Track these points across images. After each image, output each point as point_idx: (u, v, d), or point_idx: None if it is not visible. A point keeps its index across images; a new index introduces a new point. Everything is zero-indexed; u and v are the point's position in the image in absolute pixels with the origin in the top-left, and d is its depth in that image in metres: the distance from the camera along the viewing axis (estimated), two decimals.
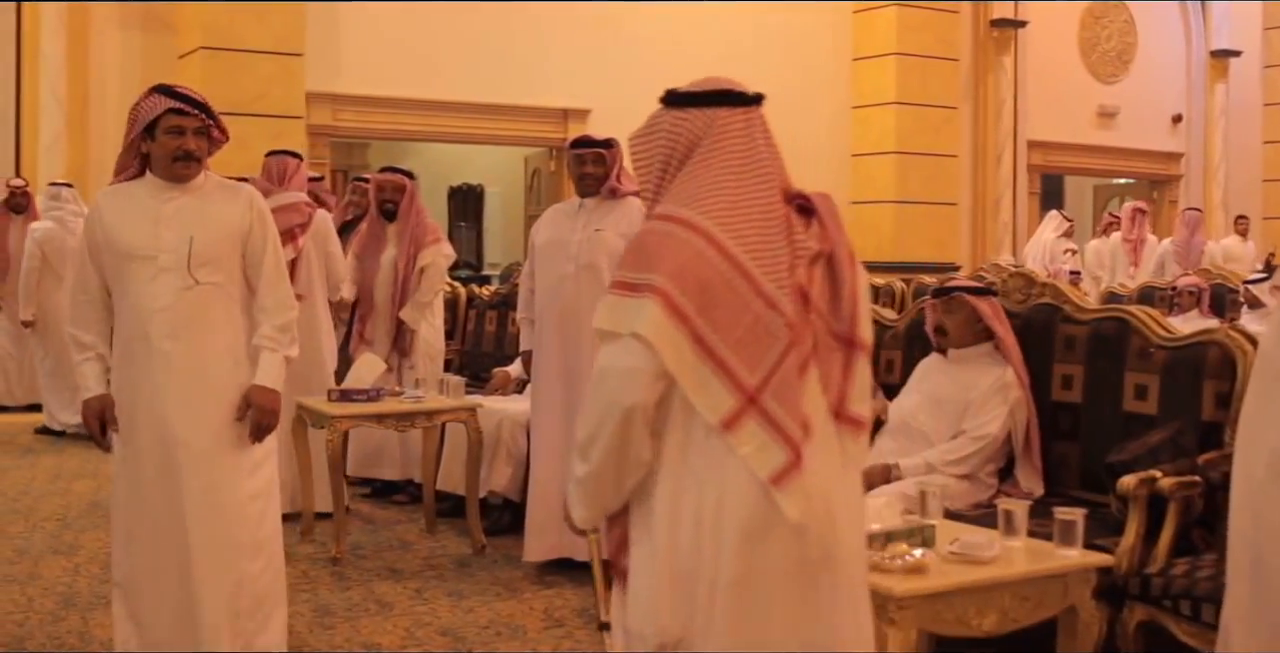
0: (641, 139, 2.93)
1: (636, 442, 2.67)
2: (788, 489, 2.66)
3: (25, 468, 8.71)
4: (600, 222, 6.04)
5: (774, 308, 2.69)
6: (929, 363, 5.32)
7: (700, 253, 2.68)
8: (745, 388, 2.66)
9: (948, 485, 4.73)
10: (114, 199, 4.39)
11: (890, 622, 3.43)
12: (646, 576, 2.73)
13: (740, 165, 2.84)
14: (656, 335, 2.63)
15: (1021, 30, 17.73)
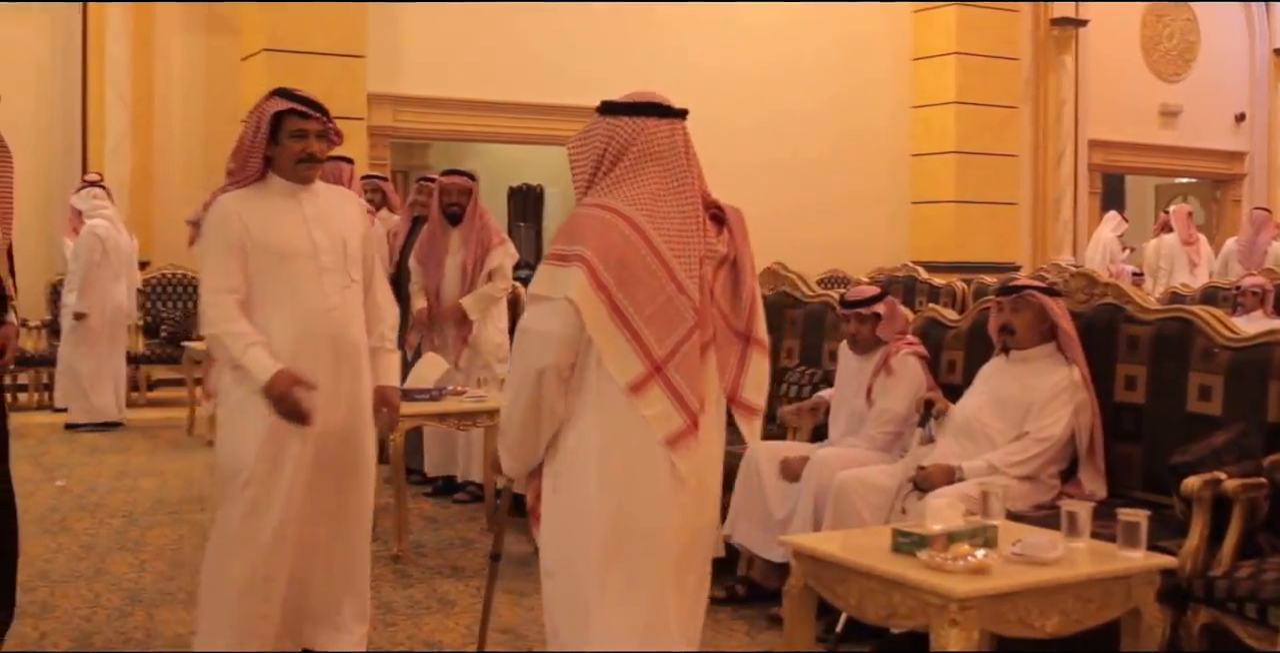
0: (579, 142, 3.29)
1: (551, 398, 3.08)
2: (681, 451, 3.13)
3: (91, 466, 8.82)
4: None
5: (684, 293, 3.10)
6: (992, 365, 5.30)
7: (624, 235, 3.08)
8: (654, 358, 3.08)
9: (1010, 486, 4.71)
10: (248, 202, 4.39)
11: (952, 623, 3.43)
12: (557, 522, 3.18)
13: (664, 169, 3.20)
14: (583, 300, 3.03)
15: (1082, 29, 17.60)
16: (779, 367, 6.77)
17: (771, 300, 6.99)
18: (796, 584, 3.98)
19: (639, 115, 3.26)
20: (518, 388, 3.13)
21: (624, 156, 3.21)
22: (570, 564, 3.20)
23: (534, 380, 3.08)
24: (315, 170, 4.44)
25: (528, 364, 3.09)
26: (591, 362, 3.11)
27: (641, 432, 3.12)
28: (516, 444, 3.19)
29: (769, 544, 5.42)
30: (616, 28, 14.54)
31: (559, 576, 3.25)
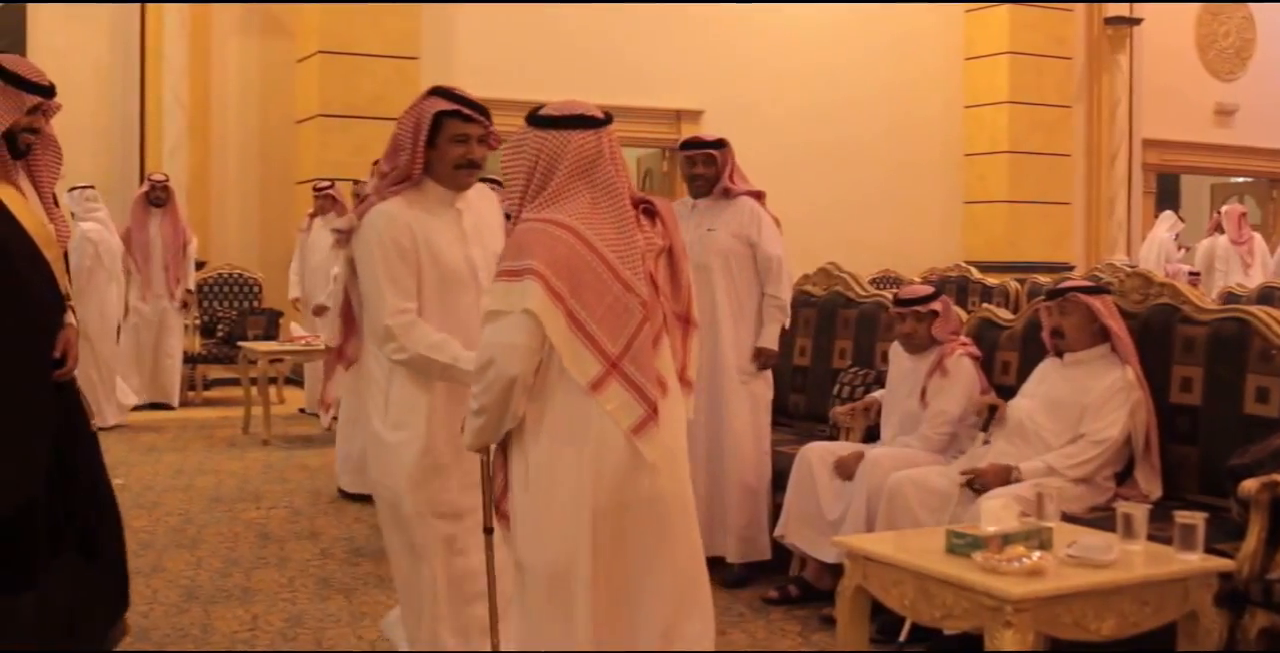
0: (510, 151, 3.45)
1: (515, 402, 3.28)
2: (645, 437, 3.31)
3: (149, 464, 8.90)
4: (712, 222, 6.06)
5: (630, 291, 3.32)
6: (1045, 366, 5.27)
7: (569, 246, 3.28)
8: (609, 356, 3.29)
9: (1065, 488, 4.69)
10: (411, 211, 4.09)
11: (1007, 625, 3.43)
12: (531, 517, 3.34)
13: (593, 182, 3.39)
14: (542, 310, 3.23)
15: (1136, 28, 17.46)
16: (831, 367, 6.77)
17: (824, 301, 6.99)
18: (850, 585, 3.99)
19: (565, 128, 3.41)
20: (485, 392, 3.30)
21: (555, 172, 3.38)
22: (547, 554, 3.33)
23: (504, 387, 3.26)
24: (475, 177, 4.20)
25: (496, 374, 3.26)
26: (554, 366, 3.30)
27: (605, 425, 3.30)
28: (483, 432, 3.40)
29: (822, 545, 5.43)
30: (670, 28, 14.58)
31: (537, 568, 3.36)
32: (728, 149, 6.11)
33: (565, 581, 3.32)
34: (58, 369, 4.15)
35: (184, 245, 11.70)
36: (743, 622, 5.42)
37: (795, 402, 6.95)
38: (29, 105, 4.13)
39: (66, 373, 4.18)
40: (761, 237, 6.00)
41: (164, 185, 11.68)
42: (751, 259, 6.02)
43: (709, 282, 5.97)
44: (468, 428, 3.45)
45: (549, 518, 3.33)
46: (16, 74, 4.12)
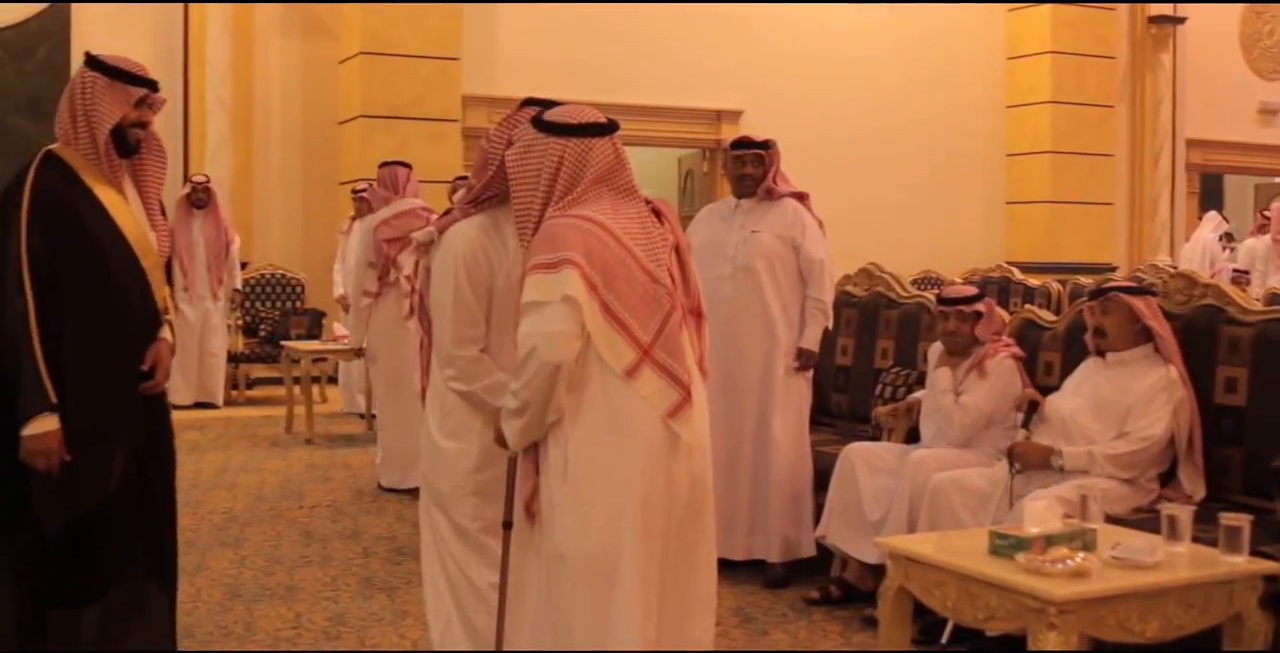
0: (520, 155, 3.57)
1: (558, 393, 3.34)
2: (681, 420, 3.43)
3: (192, 463, 8.95)
4: (757, 223, 6.05)
5: (656, 282, 3.46)
6: (1088, 367, 5.24)
7: (600, 239, 3.40)
8: (641, 343, 3.40)
9: (1109, 490, 4.66)
10: (491, 237, 3.99)
11: (1051, 626, 3.42)
12: (572, 507, 3.39)
13: (613, 186, 3.55)
14: (582, 297, 3.33)
15: (1180, 27, 17.37)
16: (873, 367, 6.75)
17: (866, 301, 6.98)
18: (892, 586, 3.98)
19: (585, 136, 3.54)
20: (529, 383, 3.34)
21: (580, 177, 3.51)
22: (590, 543, 3.38)
23: (549, 376, 3.32)
24: None
25: (541, 362, 3.32)
26: (590, 356, 3.39)
27: (643, 411, 3.40)
28: (527, 430, 3.43)
29: (863, 546, 5.41)
30: (710, 28, 14.59)
31: (576, 557, 3.39)
32: (775, 150, 6.11)
33: (610, 570, 3.36)
34: (145, 382, 4.13)
35: (227, 245, 11.79)
36: (784, 622, 5.42)
37: (837, 402, 6.94)
38: (135, 98, 4.09)
39: (155, 387, 4.15)
40: (806, 239, 6.00)
41: (205, 186, 11.77)
42: (795, 261, 6.01)
43: (755, 283, 5.98)
44: (508, 431, 3.50)
45: (592, 508, 3.38)
46: (118, 68, 4.09)
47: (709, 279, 6.10)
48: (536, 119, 3.59)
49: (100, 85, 4.04)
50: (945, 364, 5.60)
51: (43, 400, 3.85)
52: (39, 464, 3.87)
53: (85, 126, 4.04)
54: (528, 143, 3.56)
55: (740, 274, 6.00)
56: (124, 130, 4.08)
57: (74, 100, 4.07)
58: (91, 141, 4.05)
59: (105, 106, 4.03)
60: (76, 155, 4.06)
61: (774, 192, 6.08)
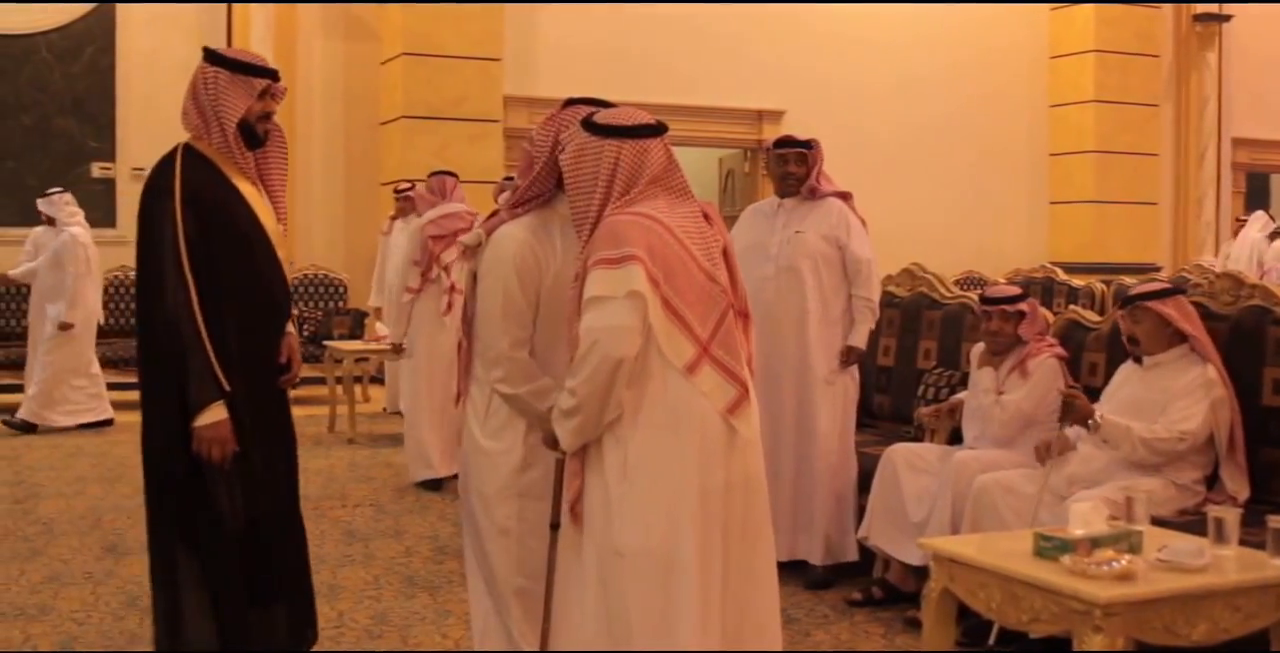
0: (574, 157, 3.59)
1: (617, 389, 3.36)
2: (740, 416, 3.48)
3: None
4: (800, 223, 6.04)
5: (712, 280, 3.50)
6: (1126, 371, 5.19)
7: (659, 236, 3.44)
8: (700, 340, 3.44)
9: (1154, 491, 4.63)
10: (540, 237, 3.89)
11: (1096, 629, 3.40)
12: (632, 504, 3.39)
13: (668, 185, 3.59)
14: (647, 292, 3.36)
15: (1226, 24, 17.23)
16: (916, 368, 6.73)
17: (909, 302, 6.95)
18: (936, 588, 3.96)
19: (639, 137, 3.57)
20: (589, 378, 3.35)
21: (638, 178, 3.55)
22: (650, 539, 3.39)
23: (610, 371, 3.34)
24: None
25: (602, 357, 3.34)
26: (650, 352, 3.42)
27: (703, 407, 3.43)
28: (582, 428, 3.43)
29: (906, 547, 5.40)
30: (751, 28, 14.56)
31: (636, 553, 3.40)
32: (818, 149, 6.11)
33: (669, 565, 3.38)
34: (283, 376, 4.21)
35: None
36: (827, 624, 5.41)
37: (880, 403, 6.91)
38: (258, 89, 4.10)
39: (292, 380, 4.25)
40: (851, 238, 5.99)
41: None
42: (839, 261, 6.00)
43: (798, 283, 5.96)
44: (562, 431, 3.49)
45: (653, 504, 3.40)
46: (239, 60, 4.12)
47: (752, 280, 6.08)
48: (587, 122, 3.60)
49: (223, 79, 4.06)
50: (988, 364, 5.58)
51: (214, 389, 3.88)
52: (214, 454, 3.90)
53: (215, 121, 4.07)
54: (580, 145, 3.58)
55: (784, 274, 5.98)
56: (251, 123, 4.10)
57: (199, 96, 4.09)
58: (222, 136, 4.07)
59: (230, 100, 4.05)
60: (210, 149, 4.09)
61: (817, 191, 6.07)
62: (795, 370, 5.98)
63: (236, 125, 4.05)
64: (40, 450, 9.47)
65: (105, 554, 6.42)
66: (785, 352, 5.94)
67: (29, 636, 5.16)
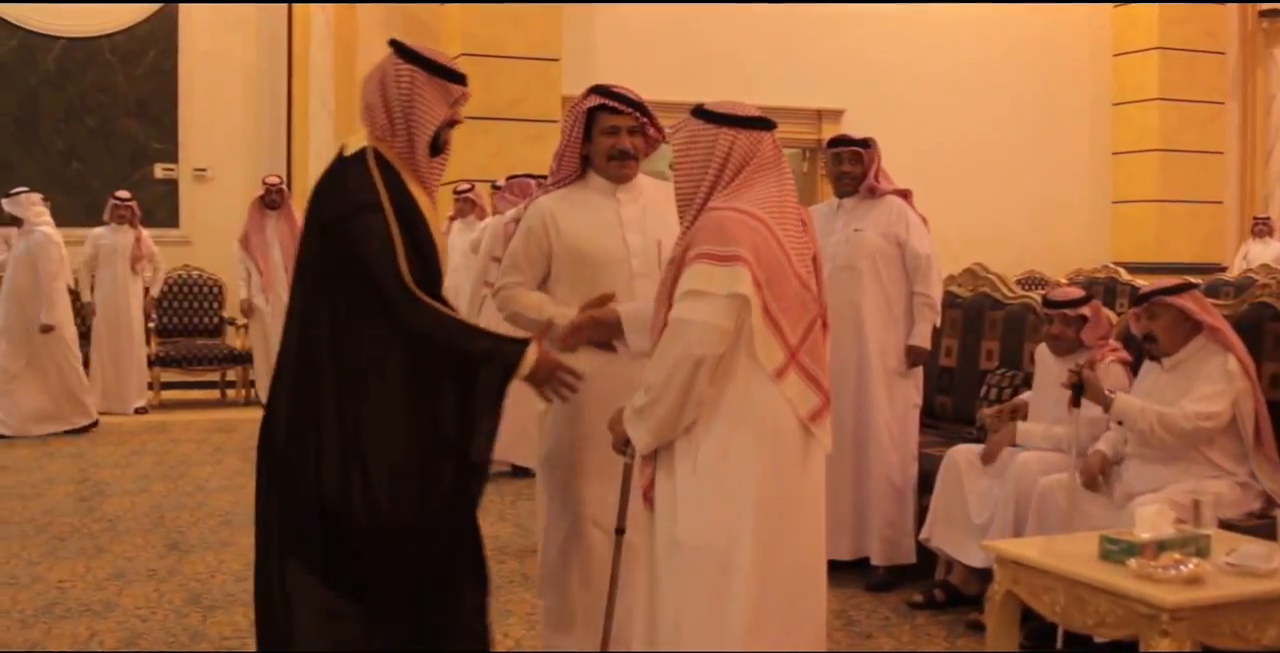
0: (685, 145, 3.56)
1: (700, 387, 3.33)
2: (819, 425, 3.46)
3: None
4: (859, 221, 6.02)
5: (806, 287, 3.48)
6: (1148, 373, 5.10)
7: (764, 239, 3.41)
8: (790, 346, 3.41)
9: (1221, 494, 4.58)
10: (564, 204, 4.33)
11: (1163, 633, 3.36)
12: (696, 498, 3.38)
13: (776, 176, 3.56)
14: (752, 295, 3.34)
15: None
16: (978, 369, 6.68)
17: (971, 302, 6.91)
18: (1000, 590, 3.94)
19: (755, 128, 3.56)
20: (670, 375, 3.34)
21: (746, 166, 3.52)
22: (709, 534, 3.38)
23: (690, 369, 3.31)
24: (629, 167, 4.30)
25: (686, 352, 3.32)
26: (741, 352, 3.38)
27: (784, 412, 3.41)
28: (659, 427, 3.41)
29: (969, 549, 5.36)
30: (810, 27, 14.51)
31: (694, 546, 3.39)
32: (874, 148, 6.09)
33: (725, 562, 3.36)
34: None
35: None
36: (888, 626, 5.38)
37: (941, 403, 6.87)
38: (455, 96, 3.82)
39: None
40: (910, 235, 5.96)
41: (278, 188, 11.94)
42: (900, 258, 5.97)
43: (857, 282, 5.94)
44: (636, 430, 3.45)
45: (716, 501, 3.38)
46: (437, 62, 3.79)
47: None
48: (700, 110, 3.58)
49: (420, 81, 3.74)
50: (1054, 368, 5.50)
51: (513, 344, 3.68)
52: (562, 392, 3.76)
53: (404, 125, 3.76)
54: (693, 132, 3.55)
55: (841, 274, 5.96)
56: (439, 131, 3.82)
57: (388, 94, 3.76)
58: (409, 142, 3.77)
59: (428, 106, 3.75)
60: (393, 153, 3.76)
61: (876, 190, 6.05)
62: (854, 370, 5.95)
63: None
64: (104, 449, 9.57)
65: (168, 552, 6.47)
66: (843, 351, 5.90)
67: (94, 632, 5.21)
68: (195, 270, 12.79)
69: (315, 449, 3.66)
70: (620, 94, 4.31)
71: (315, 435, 3.67)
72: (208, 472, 8.68)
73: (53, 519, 7.19)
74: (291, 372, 3.76)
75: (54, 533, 6.86)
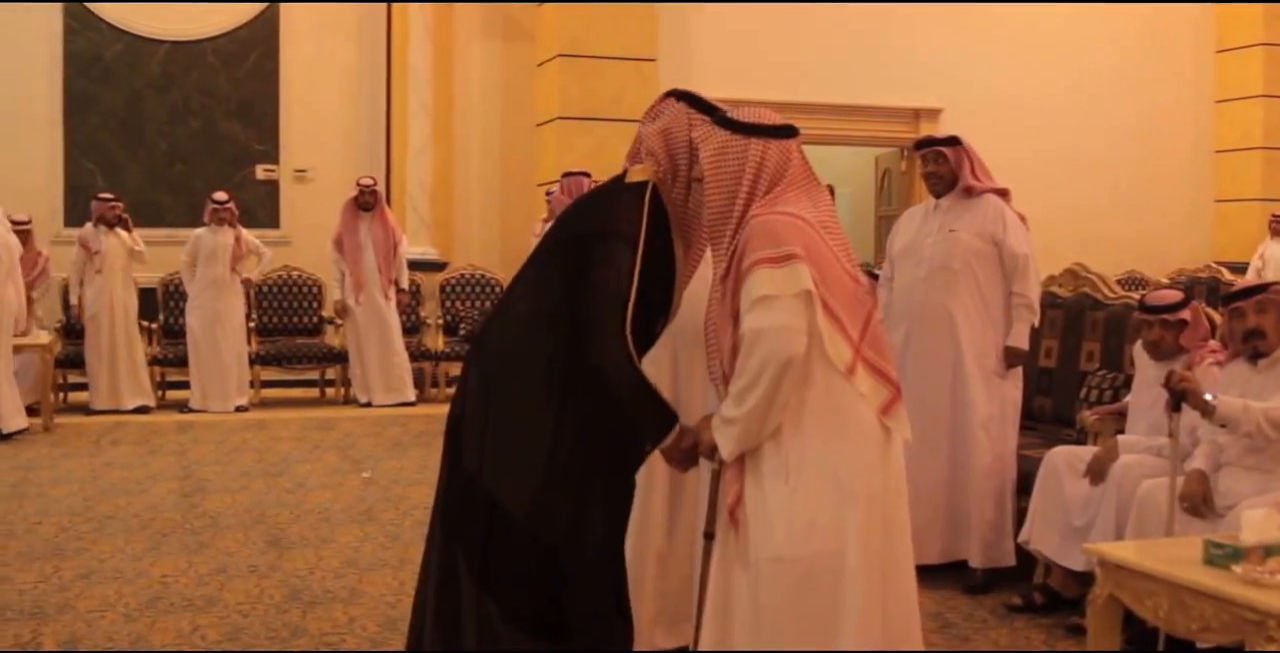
0: (717, 156, 3.54)
1: (785, 390, 3.32)
2: (893, 416, 3.44)
3: (394, 459, 9.14)
4: (955, 222, 5.97)
5: (857, 282, 3.50)
6: (1236, 374, 4.95)
7: (811, 237, 3.43)
8: (853, 341, 3.41)
9: None
10: None
11: (1270, 640, 3.31)
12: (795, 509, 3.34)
13: (807, 183, 3.57)
14: (815, 292, 3.34)
15: None
16: (1079, 370, 6.60)
17: (1071, 302, 6.83)
18: (1101, 594, 3.90)
19: (782, 137, 3.55)
20: (756, 381, 3.32)
21: (782, 177, 3.52)
22: (815, 544, 3.35)
23: (776, 372, 3.29)
24: None
25: (770, 356, 3.30)
26: (814, 352, 3.37)
27: (862, 408, 3.40)
28: (745, 434, 3.39)
29: (1069, 552, 5.29)
30: (907, 25, 14.42)
31: (800, 559, 3.36)
32: (960, 147, 6.02)
33: (836, 570, 3.34)
34: None
35: (394, 246, 11.99)
36: (985, 629, 5.33)
37: (1041, 405, 6.79)
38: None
39: None
40: (1008, 235, 5.90)
41: (372, 189, 12.00)
42: (997, 258, 5.91)
43: (951, 282, 5.90)
44: (724, 438, 3.44)
45: (818, 509, 3.36)
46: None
47: (908, 282, 6.06)
48: (725, 120, 3.57)
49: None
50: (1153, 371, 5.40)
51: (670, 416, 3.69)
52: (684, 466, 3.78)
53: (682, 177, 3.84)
54: (723, 143, 3.54)
55: (936, 274, 5.92)
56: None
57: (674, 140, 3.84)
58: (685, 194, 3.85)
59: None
60: (668, 197, 3.84)
61: (973, 189, 5.99)
62: (949, 371, 5.91)
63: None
64: (206, 446, 9.70)
65: (269, 548, 6.55)
66: (938, 352, 5.87)
67: (197, 626, 5.29)
68: (295, 270, 12.94)
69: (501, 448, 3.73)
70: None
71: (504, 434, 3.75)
72: (307, 469, 8.78)
73: (156, 515, 7.30)
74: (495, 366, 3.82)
75: (157, 529, 6.96)
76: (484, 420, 3.76)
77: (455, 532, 3.79)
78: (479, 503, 3.73)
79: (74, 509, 7.43)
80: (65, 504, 7.58)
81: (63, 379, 11.77)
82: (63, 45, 13.07)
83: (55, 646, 5.04)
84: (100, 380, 11.39)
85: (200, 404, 11.50)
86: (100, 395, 11.39)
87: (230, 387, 11.67)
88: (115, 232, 11.46)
